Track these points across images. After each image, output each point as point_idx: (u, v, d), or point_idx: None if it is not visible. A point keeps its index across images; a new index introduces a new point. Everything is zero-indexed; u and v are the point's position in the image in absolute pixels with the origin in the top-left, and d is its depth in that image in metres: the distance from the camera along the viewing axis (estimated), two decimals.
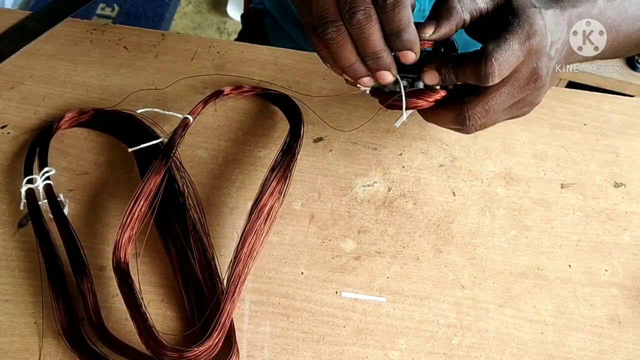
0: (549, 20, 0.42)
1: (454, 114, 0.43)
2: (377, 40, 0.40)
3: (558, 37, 0.43)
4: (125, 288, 0.42)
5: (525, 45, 0.40)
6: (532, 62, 0.41)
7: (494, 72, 0.39)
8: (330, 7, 0.39)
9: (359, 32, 0.39)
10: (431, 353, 0.44)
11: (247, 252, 0.43)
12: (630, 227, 0.52)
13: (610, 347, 0.46)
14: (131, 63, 0.59)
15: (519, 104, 0.44)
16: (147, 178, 0.46)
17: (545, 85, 0.43)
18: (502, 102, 0.42)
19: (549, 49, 0.42)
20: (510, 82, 0.42)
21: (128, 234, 0.44)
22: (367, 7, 0.38)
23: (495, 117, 0.44)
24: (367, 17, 0.38)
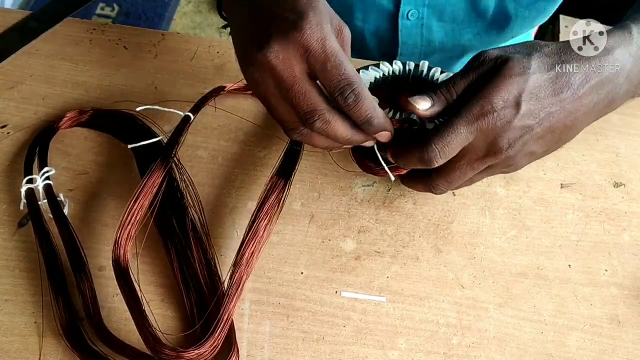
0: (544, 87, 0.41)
1: (422, 185, 0.46)
2: (345, 132, 0.41)
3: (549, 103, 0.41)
4: (125, 285, 0.42)
5: (474, 125, 0.41)
6: (488, 138, 0.41)
7: (435, 156, 0.41)
8: (290, 116, 0.41)
9: (325, 134, 0.41)
10: (431, 353, 0.44)
11: (249, 256, 0.43)
12: (629, 227, 0.52)
13: (609, 347, 0.46)
14: (131, 63, 0.59)
15: (489, 170, 0.45)
16: (148, 176, 0.46)
17: (513, 158, 0.43)
18: (462, 173, 0.44)
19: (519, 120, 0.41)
20: (467, 156, 0.43)
21: (127, 232, 0.44)
22: (321, 113, 0.39)
23: (463, 184, 0.46)
24: (325, 122, 0.40)
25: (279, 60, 0.38)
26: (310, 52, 0.38)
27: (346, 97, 0.39)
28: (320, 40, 0.38)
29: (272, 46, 0.38)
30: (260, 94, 0.41)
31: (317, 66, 0.38)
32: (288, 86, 0.39)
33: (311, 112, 0.39)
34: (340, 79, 0.39)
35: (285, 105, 0.40)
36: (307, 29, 0.38)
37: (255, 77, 0.40)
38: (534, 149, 0.43)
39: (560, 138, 0.44)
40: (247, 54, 0.40)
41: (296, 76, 0.39)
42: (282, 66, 0.38)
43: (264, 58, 0.38)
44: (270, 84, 0.40)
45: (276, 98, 0.40)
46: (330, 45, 0.38)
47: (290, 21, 0.38)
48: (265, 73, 0.39)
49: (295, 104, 0.39)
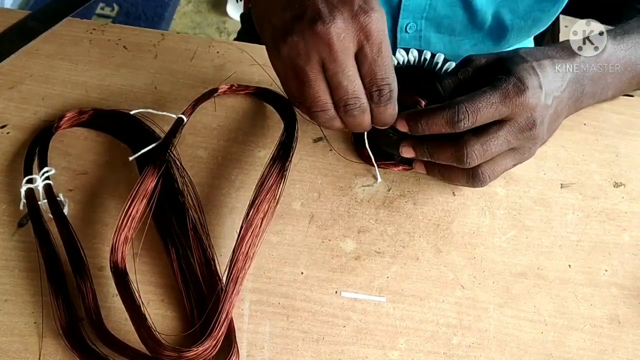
0: (545, 72, 0.45)
1: (453, 149, 0.44)
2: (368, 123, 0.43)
3: (557, 86, 0.46)
4: (123, 289, 0.42)
5: (514, 100, 0.42)
6: (526, 113, 0.43)
7: (464, 117, 0.41)
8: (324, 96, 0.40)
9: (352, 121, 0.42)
10: (431, 353, 0.44)
11: (245, 251, 0.43)
12: (630, 227, 0.52)
13: (609, 347, 0.46)
14: (131, 63, 0.59)
15: (517, 151, 0.46)
16: (141, 180, 0.46)
17: (540, 135, 0.45)
18: (498, 144, 0.44)
19: (544, 99, 0.44)
20: (506, 128, 0.43)
21: (124, 235, 0.44)
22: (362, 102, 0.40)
23: (494, 164, 0.46)
24: (362, 112, 0.41)
25: (339, 38, 0.37)
26: (369, 41, 0.38)
27: (382, 95, 0.40)
28: (382, 32, 0.38)
29: (336, 22, 0.37)
30: (297, 66, 0.39)
31: (369, 56, 0.38)
32: (340, 68, 0.38)
33: (354, 100, 0.39)
34: (384, 76, 0.39)
35: (324, 84, 0.39)
36: (375, 16, 0.38)
37: (299, 47, 0.38)
38: (544, 134, 0.46)
39: (555, 124, 0.48)
40: (295, 21, 0.38)
41: (350, 59, 0.38)
42: (341, 46, 0.37)
43: (325, 32, 0.37)
44: (315, 60, 0.38)
45: (316, 75, 0.39)
46: (387, 41, 0.39)
47: (358, 5, 0.38)
48: (316, 46, 0.38)
49: (340, 87, 0.39)
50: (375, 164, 0.52)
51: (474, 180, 0.46)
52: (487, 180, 0.46)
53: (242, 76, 0.58)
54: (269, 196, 0.45)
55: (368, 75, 0.39)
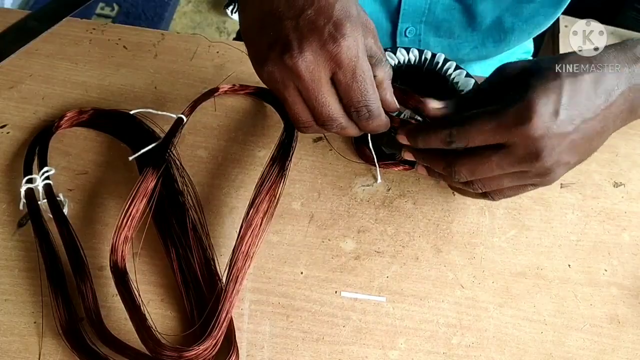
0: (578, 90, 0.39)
1: (445, 163, 0.43)
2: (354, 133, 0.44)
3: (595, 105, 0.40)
4: (124, 289, 0.42)
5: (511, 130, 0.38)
6: (527, 143, 0.39)
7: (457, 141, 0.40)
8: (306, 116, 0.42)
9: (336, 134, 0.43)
10: (431, 352, 0.44)
11: (245, 250, 0.43)
12: (629, 227, 0.52)
13: (609, 347, 0.46)
14: (131, 63, 0.59)
15: (522, 176, 0.42)
16: (141, 180, 0.46)
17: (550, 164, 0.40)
18: (490, 169, 0.41)
19: (558, 127, 0.39)
20: (501, 154, 0.40)
21: (124, 235, 0.44)
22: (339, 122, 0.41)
23: (489, 182, 0.43)
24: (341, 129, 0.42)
25: (308, 70, 0.38)
26: (342, 68, 0.38)
27: (361, 115, 0.41)
28: (354, 59, 0.38)
29: (305, 55, 0.38)
30: (278, 91, 0.41)
31: (344, 82, 0.39)
32: (312, 96, 0.39)
33: (330, 120, 0.41)
34: (361, 99, 0.40)
35: (302, 106, 0.41)
36: (344, 45, 0.38)
37: (275, 76, 0.40)
38: (568, 158, 0.41)
39: (591, 145, 0.42)
40: (269, 52, 0.39)
41: (322, 87, 0.39)
42: (311, 76, 0.38)
43: (293, 63, 0.38)
44: (290, 86, 0.40)
45: (294, 99, 0.41)
46: (361, 65, 0.39)
47: (327, 32, 0.38)
48: (289, 76, 0.39)
49: (315, 111, 0.40)
50: (377, 164, 0.52)
51: (468, 187, 0.44)
52: (480, 191, 0.44)
53: (242, 76, 0.58)
54: (269, 196, 0.45)
55: (345, 98, 0.40)
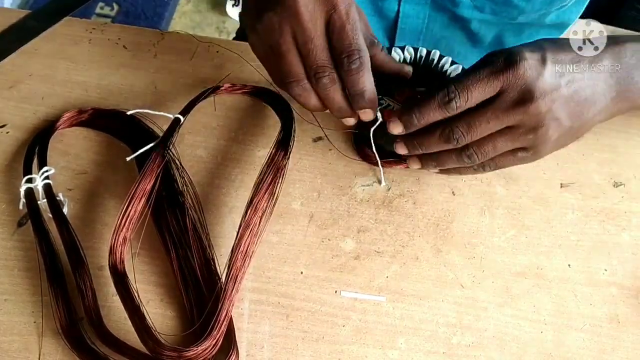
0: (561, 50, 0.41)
1: (440, 130, 0.43)
2: (340, 97, 0.43)
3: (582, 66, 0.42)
4: (123, 289, 0.42)
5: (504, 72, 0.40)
6: (519, 85, 0.40)
7: (456, 97, 0.41)
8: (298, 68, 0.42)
9: (324, 93, 0.42)
10: (430, 352, 0.44)
11: (244, 250, 0.43)
12: (629, 227, 0.52)
13: (609, 347, 0.46)
14: (130, 62, 0.59)
15: (515, 131, 0.42)
16: (138, 181, 0.46)
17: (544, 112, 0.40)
18: (485, 119, 0.41)
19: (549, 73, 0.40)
20: (496, 102, 0.41)
21: (123, 236, 0.44)
22: (331, 72, 0.41)
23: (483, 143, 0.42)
24: (332, 81, 0.42)
25: (307, 9, 0.40)
26: (336, 10, 0.40)
27: (352, 61, 0.41)
28: (347, 3, 0.40)
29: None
30: (272, 40, 0.41)
31: (337, 24, 0.40)
32: (308, 37, 0.40)
33: (323, 67, 0.41)
34: (352, 42, 0.40)
35: (296, 56, 0.41)
36: None
37: (273, 22, 0.40)
38: (560, 113, 0.41)
39: (582, 111, 0.42)
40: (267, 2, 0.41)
41: (318, 29, 0.40)
42: (309, 16, 0.40)
43: (293, 2, 0.39)
44: (287, 32, 0.40)
45: (288, 47, 0.41)
46: (354, 11, 0.41)
47: None
48: (288, 19, 0.40)
49: (310, 56, 0.41)
50: (381, 165, 0.52)
51: (463, 158, 0.43)
52: (477, 160, 0.43)
53: (241, 75, 0.58)
54: (268, 194, 0.45)
55: (338, 44, 0.41)
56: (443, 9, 0.66)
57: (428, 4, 0.66)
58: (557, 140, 0.43)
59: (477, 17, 0.66)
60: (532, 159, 0.45)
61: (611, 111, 0.44)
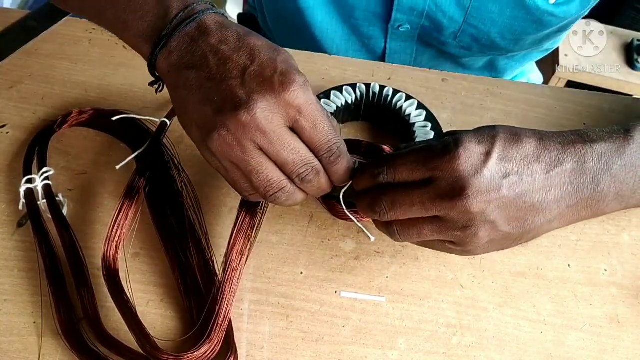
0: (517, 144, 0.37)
1: (369, 198, 0.40)
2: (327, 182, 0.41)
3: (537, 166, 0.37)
4: (117, 295, 0.43)
5: (435, 161, 0.37)
6: (450, 177, 0.36)
7: (383, 173, 0.39)
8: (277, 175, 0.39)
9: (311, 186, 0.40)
10: (430, 352, 0.44)
11: (238, 250, 0.43)
12: (629, 227, 0.52)
13: (609, 347, 0.46)
14: (130, 62, 0.59)
15: (443, 224, 0.38)
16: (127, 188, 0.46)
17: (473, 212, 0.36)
18: (409, 203, 0.38)
19: (489, 171, 0.36)
20: (424, 188, 0.37)
21: (115, 245, 0.44)
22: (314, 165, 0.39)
23: (408, 225, 0.39)
24: (317, 174, 0.39)
25: (268, 120, 0.36)
26: (302, 114, 0.37)
27: (332, 154, 0.39)
28: (310, 101, 0.38)
29: (259, 105, 0.36)
30: (234, 158, 0.38)
31: (308, 128, 0.38)
32: (280, 146, 0.37)
33: (305, 166, 0.38)
34: (329, 139, 0.38)
35: (271, 166, 0.38)
36: (298, 90, 0.37)
37: (229, 141, 0.37)
38: (495, 217, 0.37)
39: (525, 218, 0.38)
40: (217, 118, 0.37)
41: (286, 135, 0.37)
42: (272, 126, 0.37)
43: (251, 117, 0.36)
44: (251, 147, 0.37)
45: (258, 161, 0.38)
46: (318, 106, 0.38)
47: (277, 81, 0.37)
48: (247, 134, 0.36)
49: (287, 162, 0.38)
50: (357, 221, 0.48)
51: (388, 232, 0.41)
52: (399, 238, 0.40)
53: None
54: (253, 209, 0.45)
55: (314, 142, 0.38)
56: (430, 45, 0.67)
57: (415, 41, 0.66)
58: (490, 243, 0.39)
59: (466, 56, 0.67)
60: (464, 254, 0.42)
61: (568, 220, 0.39)
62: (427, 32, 0.64)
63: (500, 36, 0.62)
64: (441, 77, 0.61)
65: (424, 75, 0.61)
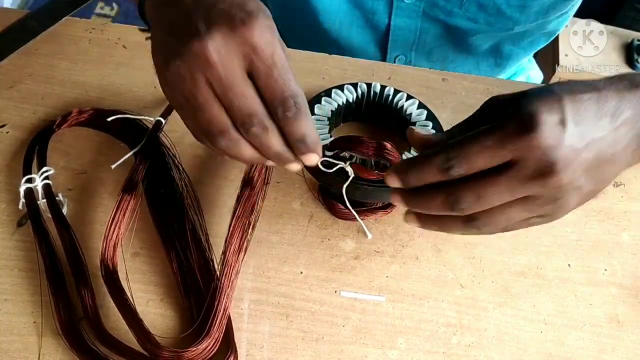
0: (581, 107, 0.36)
1: (445, 195, 0.37)
2: (277, 144, 0.37)
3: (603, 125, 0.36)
4: (117, 295, 0.43)
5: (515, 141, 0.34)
6: (537, 155, 0.34)
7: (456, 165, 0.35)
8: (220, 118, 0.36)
9: (258, 143, 0.37)
10: (430, 352, 0.44)
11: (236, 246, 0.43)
12: (629, 227, 0.52)
13: (609, 346, 0.46)
14: (130, 62, 0.59)
15: (534, 202, 0.37)
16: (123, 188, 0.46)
17: (568, 183, 0.35)
18: (497, 192, 0.36)
19: (571, 139, 0.35)
20: (510, 173, 0.35)
21: (112, 245, 0.44)
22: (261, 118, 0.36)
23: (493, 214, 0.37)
24: (263, 129, 0.36)
25: (219, 53, 0.34)
26: (257, 53, 0.35)
27: (287, 108, 0.35)
28: (270, 43, 0.35)
29: (213, 36, 0.34)
30: (185, 91, 0.36)
31: (262, 70, 0.35)
32: (227, 85, 0.35)
33: (250, 117, 0.35)
34: (285, 88, 0.35)
35: (216, 105, 0.36)
36: (257, 28, 0.35)
37: (182, 71, 0.35)
38: (581, 182, 0.36)
39: (603, 173, 0.38)
40: (176, 45, 0.35)
41: (237, 75, 0.35)
42: (223, 61, 0.34)
43: (201, 48, 0.34)
44: (201, 81, 0.35)
45: (204, 96, 0.35)
46: (279, 51, 0.36)
47: (239, 17, 0.35)
48: (199, 67, 0.34)
49: (232, 105, 0.35)
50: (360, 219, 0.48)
51: (470, 229, 0.38)
52: (487, 230, 0.38)
53: None
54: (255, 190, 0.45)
55: (267, 91, 0.35)
56: (435, 20, 0.66)
57: (419, 16, 0.66)
58: (576, 205, 0.39)
59: (472, 28, 0.66)
60: (546, 222, 0.40)
61: (630, 163, 0.39)
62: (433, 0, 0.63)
63: (506, 2, 0.61)
64: (441, 76, 0.61)
65: (424, 75, 0.61)
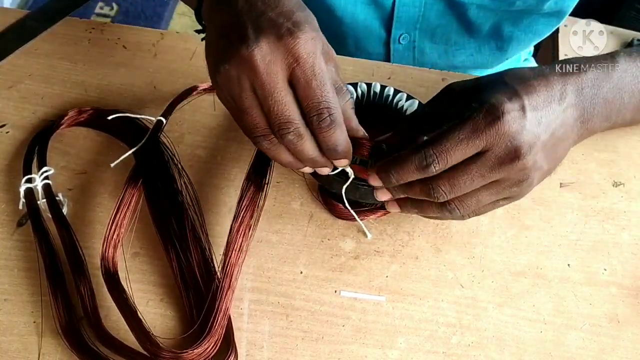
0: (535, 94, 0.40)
1: (422, 184, 0.40)
2: (311, 151, 0.40)
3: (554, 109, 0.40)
4: (117, 295, 0.43)
5: (486, 131, 0.37)
6: (505, 142, 0.38)
7: (434, 162, 0.38)
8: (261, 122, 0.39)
9: (293, 149, 0.39)
10: (430, 352, 0.44)
11: (237, 246, 0.43)
12: (629, 227, 0.52)
13: (609, 346, 0.46)
14: (130, 62, 0.59)
15: (501, 185, 0.40)
16: (124, 190, 0.46)
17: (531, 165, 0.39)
18: (470, 178, 0.39)
19: (531, 124, 0.39)
20: (481, 160, 0.38)
21: (113, 244, 0.44)
22: (297, 127, 0.38)
23: (466, 198, 0.41)
24: (298, 137, 0.39)
25: (264, 61, 0.37)
26: (299, 63, 0.37)
27: (322, 119, 0.38)
28: (311, 54, 0.37)
29: (260, 45, 0.37)
30: (233, 94, 0.39)
31: (302, 80, 0.37)
32: (268, 92, 0.37)
33: (286, 124, 0.38)
34: (322, 99, 0.38)
35: (258, 110, 0.39)
36: (302, 39, 0.37)
37: (231, 74, 0.38)
38: (542, 162, 0.40)
39: (557, 152, 0.42)
40: (226, 49, 0.38)
41: (279, 83, 0.37)
42: (267, 69, 0.37)
43: (249, 55, 0.37)
44: (246, 86, 0.38)
45: (250, 101, 0.38)
46: (320, 63, 0.38)
47: (285, 27, 0.37)
48: (245, 72, 0.37)
49: (271, 111, 0.38)
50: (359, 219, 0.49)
51: (444, 213, 0.42)
52: (458, 214, 0.41)
53: None
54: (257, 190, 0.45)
55: (305, 101, 0.38)
56: None
57: None
58: (537, 184, 0.42)
59: (474, 3, 0.65)
60: (510, 203, 0.44)
61: (576, 141, 0.44)
62: None
63: None
64: (441, 76, 0.61)
65: (424, 74, 0.61)
